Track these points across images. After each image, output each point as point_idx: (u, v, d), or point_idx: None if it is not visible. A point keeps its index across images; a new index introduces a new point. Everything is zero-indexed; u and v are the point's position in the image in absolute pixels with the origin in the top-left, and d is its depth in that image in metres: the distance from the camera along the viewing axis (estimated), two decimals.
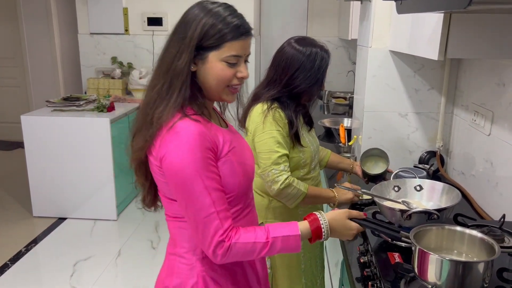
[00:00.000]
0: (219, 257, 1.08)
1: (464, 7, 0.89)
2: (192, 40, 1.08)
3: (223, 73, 1.11)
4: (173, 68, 1.10)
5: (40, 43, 5.46)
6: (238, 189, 1.16)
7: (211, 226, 1.06)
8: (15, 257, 3.21)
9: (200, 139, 1.06)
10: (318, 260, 1.91)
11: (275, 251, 1.13)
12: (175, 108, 1.10)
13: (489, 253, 1.14)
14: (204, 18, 1.09)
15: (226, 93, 1.15)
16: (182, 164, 1.05)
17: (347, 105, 3.97)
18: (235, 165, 1.14)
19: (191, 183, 1.06)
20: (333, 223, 1.22)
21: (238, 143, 1.20)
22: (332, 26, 4.82)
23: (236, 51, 1.10)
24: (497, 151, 1.67)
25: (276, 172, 1.59)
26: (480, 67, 1.84)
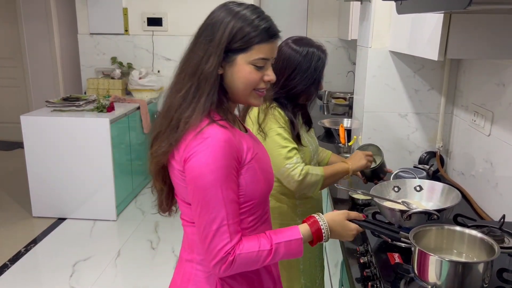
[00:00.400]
0: (222, 271, 1.06)
1: (464, 7, 0.89)
2: (220, 43, 1.07)
3: (250, 76, 1.10)
4: (200, 71, 1.08)
5: (40, 43, 5.46)
6: (259, 197, 1.15)
7: (220, 239, 1.05)
8: (15, 257, 3.21)
9: (226, 147, 1.05)
10: (317, 260, 1.90)
11: (278, 257, 1.11)
12: (203, 113, 1.07)
13: (489, 254, 1.14)
14: (233, 21, 1.07)
15: (253, 97, 1.14)
16: (205, 171, 1.04)
17: (347, 105, 3.97)
18: (258, 172, 1.13)
19: (209, 191, 1.04)
20: (332, 224, 1.21)
21: (260, 150, 1.19)
22: (332, 27, 4.82)
23: (264, 54, 1.09)
24: (497, 152, 1.67)
25: (290, 166, 1.59)
26: (480, 67, 1.84)
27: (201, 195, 1.05)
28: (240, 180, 1.10)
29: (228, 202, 1.06)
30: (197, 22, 1.18)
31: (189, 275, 1.18)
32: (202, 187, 1.04)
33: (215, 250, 1.05)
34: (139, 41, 4.65)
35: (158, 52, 4.65)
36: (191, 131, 1.07)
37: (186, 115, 1.08)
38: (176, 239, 3.46)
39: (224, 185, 1.05)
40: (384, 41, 2.08)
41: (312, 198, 1.82)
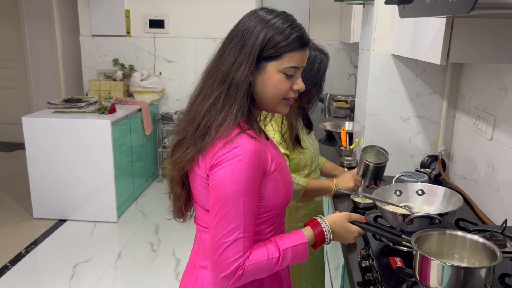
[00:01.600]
0: (231, 284, 1.05)
1: (467, 11, 0.89)
2: (253, 51, 1.05)
3: (280, 85, 1.08)
4: (231, 78, 1.06)
5: (41, 45, 5.47)
6: (280, 207, 1.14)
7: (234, 251, 1.03)
8: (15, 258, 3.21)
9: (254, 158, 1.04)
10: (318, 263, 1.91)
11: (286, 263, 1.10)
12: (235, 121, 1.06)
13: (491, 259, 1.13)
14: (265, 28, 1.06)
15: (281, 105, 1.13)
16: (230, 180, 1.02)
17: (348, 108, 3.96)
18: (280, 183, 1.12)
19: (231, 201, 1.03)
20: (334, 226, 1.21)
21: (281, 159, 1.17)
22: (333, 30, 4.82)
23: (295, 63, 1.08)
24: (499, 156, 1.66)
25: None
26: (482, 71, 1.84)
27: (222, 204, 1.03)
28: (262, 191, 1.09)
29: (247, 215, 1.04)
30: (199, 24, 1.18)
31: (201, 281, 1.17)
32: (224, 196, 1.03)
33: (226, 262, 1.03)
34: (141, 43, 4.65)
35: (160, 54, 4.65)
36: (221, 139, 1.05)
37: (216, 123, 1.06)
38: (177, 241, 3.45)
39: (247, 197, 1.03)
40: (386, 45, 2.08)
41: (313, 201, 1.82)
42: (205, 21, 4.44)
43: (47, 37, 5.39)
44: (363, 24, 2.34)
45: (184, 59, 4.62)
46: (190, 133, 1.10)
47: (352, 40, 3.77)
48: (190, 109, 1.13)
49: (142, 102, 4.33)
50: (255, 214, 1.07)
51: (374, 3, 2.07)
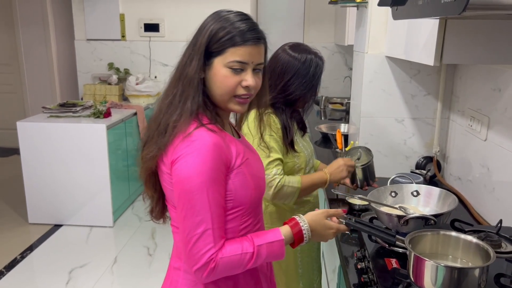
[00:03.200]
0: (204, 276, 1.05)
1: (459, 13, 0.90)
2: (200, 46, 1.07)
3: (226, 80, 1.08)
4: (184, 75, 1.09)
5: (36, 49, 5.46)
6: (250, 202, 1.14)
7: (204, 243, 1.03)
8: (10, 264, 3.19)
9: (214, 150, 1.04)
10: (315, 264, 1.91)
11: (261, 259, 1.10)
12: (191, 116, 1.08)
13: (485, 259, 1.14)
14: (214, 24, 1.08)
15: (233, 103, 1.12)
16: (191, 173, 1.03)
17: (344, 110, 3.97)
18: (248, 177, 1.12)
19: (195, 194, 1.03)
20: (312, 224, 1.19)
21: (251, 155, 1.18)
22: (328, 32, 4.84)
23: (240, 57, 1.07)
24: (494, 156, 1.67)
25: (269, 178, 1.58)
26: (475, 72, 1.85)
27: (187, 198, 1.04)
28: (229, 185, 1.09)
29: (214, 206, 1.04)
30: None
31: (175, 283, 1.17)
32: (188, 190, 1.03)
33: (198, 255, 1.04)
34: (136, 47, 4.65)
35: (155, 57, 4.65)
36: (179, 134, 1.06)
37: (173, 119, 1.08)
38: None
39: (211, 189, 1.04)
40: (381, 47, 2.09)
41: (309, 202, 1.82)
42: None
43: (42, 42, 5.38)
44: (357, 27, 2.35)
45: None
46: (152, 132, 1.12)
47: (347, 43, 3.78)
48: (155, 108, 1.16)
49: (138, 106, 4.32)
50: (223, 206, 1.07)
51: (368, 5, 2.07)
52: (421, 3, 1.16)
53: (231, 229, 1.12)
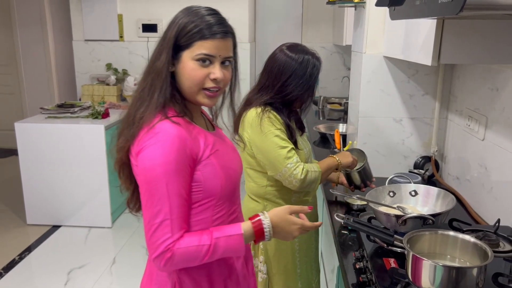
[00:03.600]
0: (162, 265, 1.07)
1: (456, 13, 0.90)
2: (169, 40, 1.10)
3: (194, 73, 1.10)
4: (153, 68, 1.12)
5: (34, 50, 5.45)
6: (220, 193, 1.16)
7: (162, 232, 1.06)
8: (9, 265, 3.18)
9: (177, 142, 1.06)
10: (313, 264, 1.92)
11: (219, 252, 1.10)
12: (156, 109, 1.10)
13: (483, 258, 1.14)
14: (183, 18, 1.11)
15: (202, 96, 1.14)
16: (153, 164, 1.05)
17: (342, 110, 3.98)
18: (217, 168, 1.14)
19: (155, 184, 1.06)
20: (275, 219, 1.17)
21: (223, 147, 1.20)
22: (326, 32, 4.84)
23: (207, 50, 1.09)
24: (492, 156, 1.67)
25: (292, 166, 1.61)
26: (473, 72, 1.86)
27: (148, 187, 1.07)
28: (198, 176, 1.11)
29: (173, 197, 1.06)
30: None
31: (152, 274, 1.21)
32: (149, 179, 1.06)
33: (156, 244, 1.06)
34: (134, 47, 4.65)
35: None
36: (144, 126, 1.09)
37: (140, 111, 1.11)
38: None
39: (172, 180, 1.05)
40: (378, 47, 2.09)
41: (308, 202, 1.83)
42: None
43: (39, 43, 5.37)
44: (355, 27, 2.35)
45: None
46: (123, 125, 1.16)
47: (345, 43, 3.78)
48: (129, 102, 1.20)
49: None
50: (185, 197, 1.09)
51: (366, 5, 2.08)
52: (418, 3, 1.16)
53: (203, 220, 1.15)
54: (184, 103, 1.16)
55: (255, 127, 1.64)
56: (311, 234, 1.87)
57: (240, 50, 1.21)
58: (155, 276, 1.20)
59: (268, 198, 1.75)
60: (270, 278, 1.79)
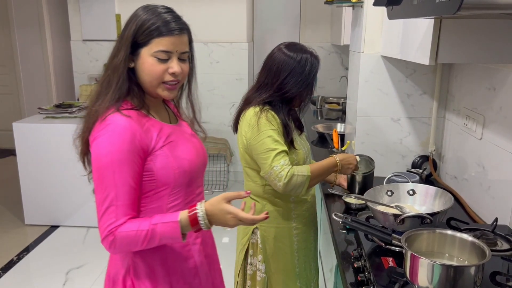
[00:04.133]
0: (108, 248, 1.16)
1: (454, 12, 0.90)
2: (128, 38, 1.17)
3: (153, 68, 1.17)
4: (112, 65, 1.19)
5: (32, 50, 5.44)
6: (174, 182, 1.22)
7: (108, 217, 1.13)
8: (7, 266, 3.18)
9: (125, 133, 1.13)
10: (312, 263, 1.92)
11: (156, 238, 1.16)
12: (110, 102, 1.17)
13: (480, 257, 1.14)
14: (140, 17, 1.18)
15: (162, 89, 1.21)
16: (101, 153, 1.13)
17: (340, 110, 3.98)
18: (170, 158, 1.20)
19: (103, 172, 1.13)
20: (209, 208, 1.19)
21: (179, 138, 1.27)
22: (324, 32, 4.84)
23: (164, 47, 1.16)
24: (489, 155, 1.68)
25: (277, 169, 1.61)
26: (471, 71, 1.86)
27: (97, 175, 1.15)
28: (150, 166, 1.18)
29: (120, 185, 1.13)
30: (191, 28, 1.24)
31: (112, 259, 1.33)
32: (98, 167, 1.14)
33: (102, 228, 1.14)
34: None
35: None
36: (99, 118, 1.17)
37: (97, 104, 1.19)
38: None
39: (119, 168, 1.13)
40: (376, 46, 2.09)
41: (306, 202, 1.83)
42: (196, 24, 4.42)
43: (37, 43, 5.36)
44: (353, 26, 2.35)
45: None
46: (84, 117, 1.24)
47: (343, 42, 3.79)
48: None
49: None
50: (132, 185, 1.15)
51: (364, 5, 2.08)
52: (416, 3, 1.17)
53: (158, 208, 1.23)
54: (142, 97, 1.23)
55: (252, 125, 1.65)
56: (309, 233, 1.88)
57: (238, 49, 1.23)
58: (113, 261, 1.31)
59: (267, 198, 1.76)
60: (269, 277, 1.80)
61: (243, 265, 1.85)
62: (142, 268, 1.25)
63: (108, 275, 1.34)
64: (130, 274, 1.26)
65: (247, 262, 1.84)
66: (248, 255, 1.83)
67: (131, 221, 1.15)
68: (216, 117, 4.67)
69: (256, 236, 1.79)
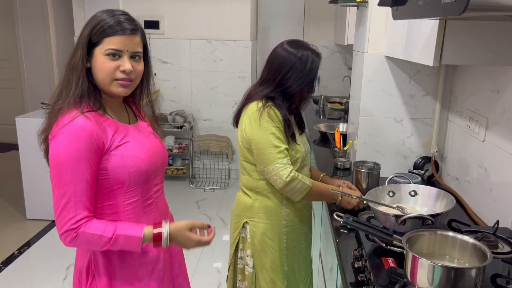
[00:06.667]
0: (67, 242, 1.20)
1: (459, 13, 0.90)
2: (84, 38, 1.22)
3: (105, 66, 1.22)
4: (71, 64, 1.23)
5: (36, 45, 5.45)
6: (129, 181, 1.27)
7: (67, 213, 1.18)
8: (8, 260, 3.19)
9: (83, 132, 1.17)
10: (302, 264, 1.91)
11: (118, 246, 1.24)
12: (74, 101, 1.22)
13: (481, 259, 1.14)
14: (96, 18, 1.24)
15: (115, 86, 1.26)
16: (59, 151, 1.17)
17: (342, 110, 3.98)
18: (125, 158, 1.25)
19: (61, 169, 1.18)
20: (175, 233, 1.31)
21: (136, 138, 1.31)
22: (328, 31, 4.84)
23: (115, 45, 1.22)
24: (492, 157, 1.67)
25: (280, 166, 1.62)
26: (474, 73, 1.86)
27: (55, 172, 1.19)
28: (105, 165, 1.24)
29: (78, 181, 1.18)
30: (194, 25, 1.25)
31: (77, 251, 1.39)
32: (56, 165, 1.19)
33: (62, 222, 1.19)
34: None
35: (155, 55, 4.65)
36: (59, 117, 1.21)
37: (59, 102, 1.24)
38: None
39: (76, 166, 1.17)
40: (380, 47, 2.09)
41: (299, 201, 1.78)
42: (200, 22, 4.45)
43: (41, 38, 5.37)
44: (357, 26, 2.35)
45: (179, 60, 4.62)
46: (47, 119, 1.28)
47: (347, 42, 3.78)
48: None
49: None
50: (89, 182, 1.20)
51: (368, 5, 2.08)
52: (421, 4, 1.16)
53: (115, 204, 1.29)
54: (99, 97, 1.27)
55: (254, 121, 1.66)
56: (300, 233, 1.86)
57: (242, 48, 1.23)
58: (79, 253, 1.37)
59: (259, 192, 1.76)
60: (256, 273, 1.80)
61: (234, 259, 1.87)
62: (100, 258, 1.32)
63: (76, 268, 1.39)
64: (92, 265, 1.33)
65: (237, 256, 1.86)
66: (239, 249, 1.84)
67: (96, 223, 1.22)
68: (218, 115, 4.68)
69: (246, 230, 1.80)
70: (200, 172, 4.84)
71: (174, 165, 4.69)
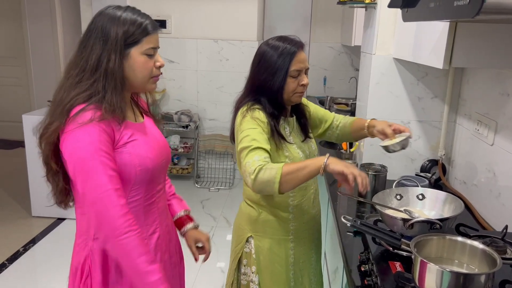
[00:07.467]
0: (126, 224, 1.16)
1: (473, 16, 0.89)
2: (118, 41, 1.19)
3: (146, 65, 1.24)
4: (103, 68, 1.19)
5: (43, 43, 5.47)
6: (134, 179, 1.26)
7: (108, 201, 1.14)
8: (13, 256, 3.20)
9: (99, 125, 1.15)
10: (312, 277, 1.80)
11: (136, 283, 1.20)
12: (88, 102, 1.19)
13: (491, 265, 1.13)
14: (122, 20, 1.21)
15: (151, 83, 1.29)
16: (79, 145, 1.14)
17: (349, 111, 3.96)
18: (133, 156, 1.24)
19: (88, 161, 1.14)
20: None
21: (144, 136, 1.30)
22: (335, 32, 4.82)
23: (154, 44, 1.26)
24: (500, 161, 1.66)
25: (249, 164, 1.39)
26: (483, 76, 1.84)
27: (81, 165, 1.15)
28: None
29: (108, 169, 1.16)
30: (201, 25, 1.25)
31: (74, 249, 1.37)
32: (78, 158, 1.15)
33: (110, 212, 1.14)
34: None
35: (161, 54, 4.61)
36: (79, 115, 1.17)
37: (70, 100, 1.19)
38: None
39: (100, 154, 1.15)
40: (388, 48, 2.08)
41: (308, 213, 1.70)
42: (207, 22, 4.44)
43: (49, 36, 5.38)
44: (365, 27, 2.34)
45: (185, 60, 4.62)
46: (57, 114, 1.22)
47: (354, 43, 3.77)
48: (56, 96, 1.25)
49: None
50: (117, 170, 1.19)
51: (377, 6, 2.06)
52: (432, 6, 1.15)
53: None
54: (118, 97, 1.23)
55: (238, 125, 1.54)
56: (309, 248, 1.76)
57: (249, 48, 1.21)
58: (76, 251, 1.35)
59: (263, 205, 1.65)
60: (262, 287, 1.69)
61: (236, 275, 1.74)
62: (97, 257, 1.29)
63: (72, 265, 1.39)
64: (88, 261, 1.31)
65: (240, 271, 1.73)
66: (242, 264, 1.71)
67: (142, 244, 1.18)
68: (223, 114, 4.67)
69: (251, 245, 1.68)
70: (205, 171, 4.84)
71: (179, 164, 4.69)
